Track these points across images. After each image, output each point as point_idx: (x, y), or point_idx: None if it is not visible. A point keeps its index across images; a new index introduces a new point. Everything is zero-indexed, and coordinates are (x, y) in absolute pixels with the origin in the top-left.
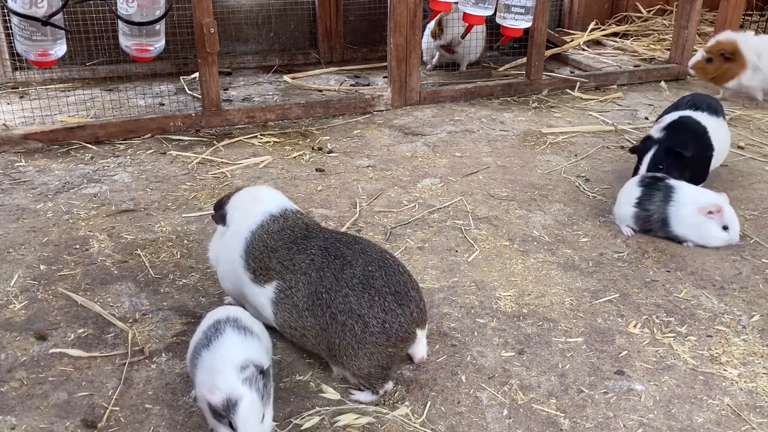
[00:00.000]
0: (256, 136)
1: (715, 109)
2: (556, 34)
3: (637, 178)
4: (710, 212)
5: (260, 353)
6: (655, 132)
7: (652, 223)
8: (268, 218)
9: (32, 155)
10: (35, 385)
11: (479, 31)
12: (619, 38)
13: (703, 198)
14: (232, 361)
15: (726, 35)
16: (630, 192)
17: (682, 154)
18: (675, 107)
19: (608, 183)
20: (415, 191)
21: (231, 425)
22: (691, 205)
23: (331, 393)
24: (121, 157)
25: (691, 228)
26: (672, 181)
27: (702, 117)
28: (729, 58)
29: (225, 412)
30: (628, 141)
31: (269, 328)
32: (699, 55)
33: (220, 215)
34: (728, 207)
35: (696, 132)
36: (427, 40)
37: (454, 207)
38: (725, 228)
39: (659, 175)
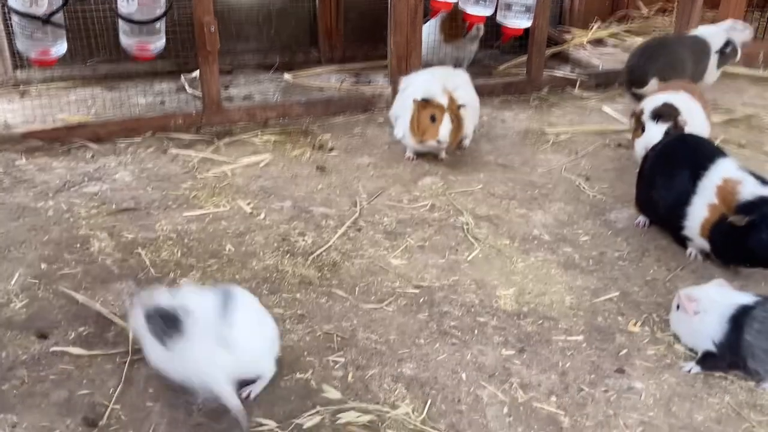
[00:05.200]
0: (256, 135)
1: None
2: (557, 32)
3: None
4: None
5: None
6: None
7: None
8: None
9: (33, 154)
10: (36, 384)
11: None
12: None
13: None
14: None
15: None
16: None
17: None
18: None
19: (609, 182)
20: (416, 190)
21: None
22: None
23: (331, 391)
24: (122, 156)
25: None
26: None
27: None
28: None
29: None
30: (628, 140)
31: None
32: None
33: None
34: None
35: None
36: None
37: (454, 206)
38: None
39: None
